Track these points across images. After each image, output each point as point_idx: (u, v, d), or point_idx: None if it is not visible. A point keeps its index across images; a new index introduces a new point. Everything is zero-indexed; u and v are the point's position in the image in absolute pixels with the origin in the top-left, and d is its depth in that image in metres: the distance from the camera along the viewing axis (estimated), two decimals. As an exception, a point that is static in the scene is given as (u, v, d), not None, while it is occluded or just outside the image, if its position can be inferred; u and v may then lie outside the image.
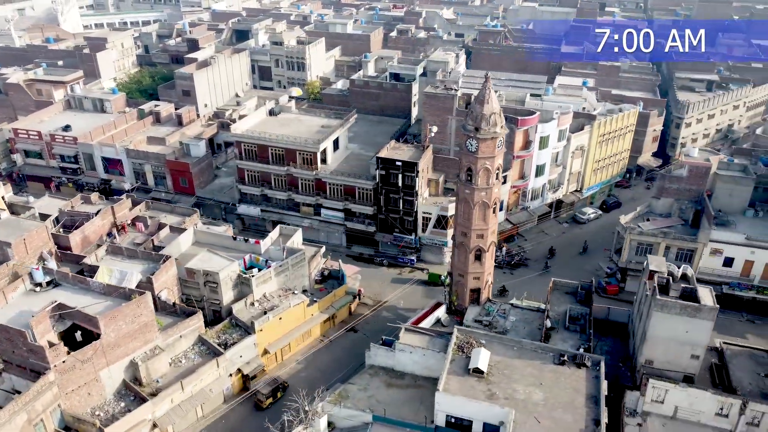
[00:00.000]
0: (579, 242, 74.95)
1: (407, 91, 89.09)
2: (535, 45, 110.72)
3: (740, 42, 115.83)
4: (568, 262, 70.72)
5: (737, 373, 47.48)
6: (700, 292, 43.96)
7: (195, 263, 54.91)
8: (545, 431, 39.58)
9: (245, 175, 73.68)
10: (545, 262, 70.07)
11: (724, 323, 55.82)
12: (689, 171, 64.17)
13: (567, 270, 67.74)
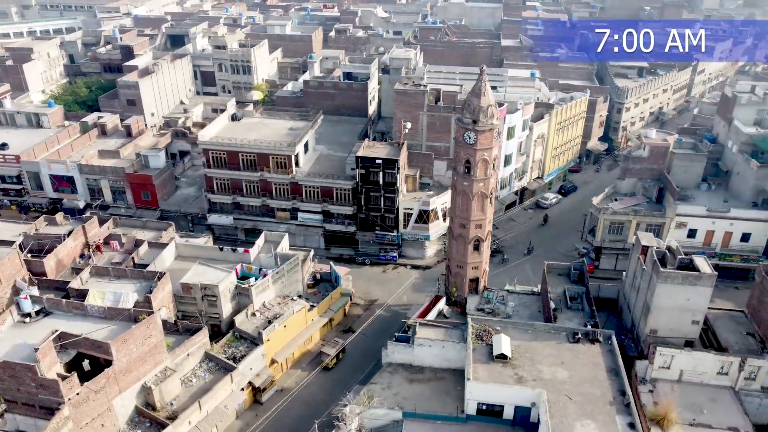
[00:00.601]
0: (546, 227, 78.17)
1: (363, 90, 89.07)
2: (476, 40, 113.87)
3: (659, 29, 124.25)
4: (542, 245, 73.54)
5: (723, 335, 51.32)
6: (696, 261, 47.25)
7: (190, 277, 52.60)
8: (578, 407, 41.21)
9: (214, 183, 71.18)
10: (528, 248, 72.50)
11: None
12: (650, 151, 68.41)
13: (543, 253, 70.58)
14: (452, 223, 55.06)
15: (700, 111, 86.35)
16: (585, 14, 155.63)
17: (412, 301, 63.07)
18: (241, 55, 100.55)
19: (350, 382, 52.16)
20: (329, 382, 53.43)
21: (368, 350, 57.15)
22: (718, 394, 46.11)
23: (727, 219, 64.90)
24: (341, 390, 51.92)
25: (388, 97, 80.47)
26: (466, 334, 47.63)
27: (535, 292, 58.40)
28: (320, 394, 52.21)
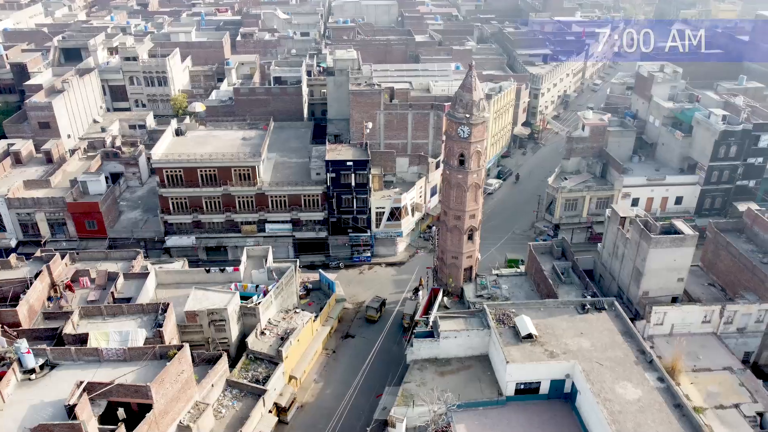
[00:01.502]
0: (496, 212, 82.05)
1: (297, 94, 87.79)
2: (390, 37, 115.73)
3: (548, 19, 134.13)
4: (499, 229, 77.15)
5: (689, 288, 57.45)
6: (678, 225, 52.54)
7: (193, 304, 49.39)
8: (610, 371, 44.42)
9: (170, 203, 66.90)
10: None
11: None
12: (591, 131, 74.31)
13: (502, 236, 74.36)
14: (445, 216, 56.43)
15: (611, 91, 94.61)
16: (471, 7, 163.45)
17: (397, 298, 64.02)
18: (156, 65, 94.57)
19: (371, 387, 52.09)
20: (349, 392, 52.80)
21: (374, 352, 57.27)
22: (705, 341, 51.79)
23: (663, 185, 72.40)
24: (364, 398, 51.83)
25: (334, 99, 79.97)
26: (485, 321, 49.36)
27: (520, 272, 61.57)
28: (342, 405, 51.49)
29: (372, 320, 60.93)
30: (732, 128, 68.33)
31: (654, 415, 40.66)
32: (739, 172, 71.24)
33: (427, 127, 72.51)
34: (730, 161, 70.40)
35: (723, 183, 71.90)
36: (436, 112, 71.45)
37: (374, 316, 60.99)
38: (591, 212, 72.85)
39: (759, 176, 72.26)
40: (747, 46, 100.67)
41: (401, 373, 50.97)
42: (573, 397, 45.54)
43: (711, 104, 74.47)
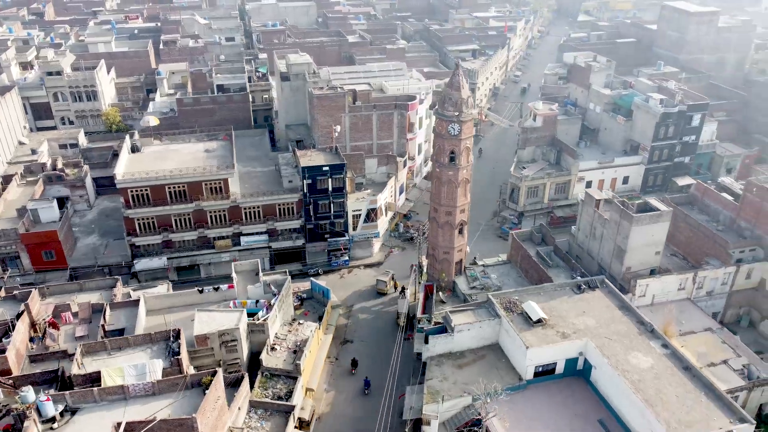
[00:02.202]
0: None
1: (244, 101, 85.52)
2: (323, 38, 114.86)
3: (467, 15, 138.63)
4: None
5: (656, 259, 62.38)
6: (652, 202, 56.76)
7: (202, 327, 47.16)
8: (618, 343, 47.41)
9: (137, 225, 63.18)
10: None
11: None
12: (543, 121, 78.16)
13: (472, 229, 76.53)
14: (436, 213, 57.48)
15: (546, 81, 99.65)
16: (386, 6, 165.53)
17: (383, 298, 64.65)
18: (83, 79, 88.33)
19: (382, 389, 52.36)
20: (361, 397, 52.70)
21: (376, 355, 57.49)
22: (682, 307, 56.54)
23: (612, 167, 77.67)
24: (378, 401, 51.92)
25: (290, 105, 78.55)
26: (493, 311, 50.98)
27: (504, 261, 63.93)
28: (360, 411, 51.38)
29: (382, 293, 64.92)
30: (670, 110, 74.53)
31: (669, 379, 43.96)
32: (677, 149, 77.86)
33: (392, 127, 73.18)
34: (668, 140, 76.79)
35: (663, 161, 78.26)
36: (400, 111, 72.31)
37: (384, 288, 64.51)
38: (551, 198, 76.78)
39: (692, 152, 79.30)
40: (656, 34, 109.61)
41: (411, 371, 51.64)
42: (586, 373, 48.15)
43: (644, 89, 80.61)
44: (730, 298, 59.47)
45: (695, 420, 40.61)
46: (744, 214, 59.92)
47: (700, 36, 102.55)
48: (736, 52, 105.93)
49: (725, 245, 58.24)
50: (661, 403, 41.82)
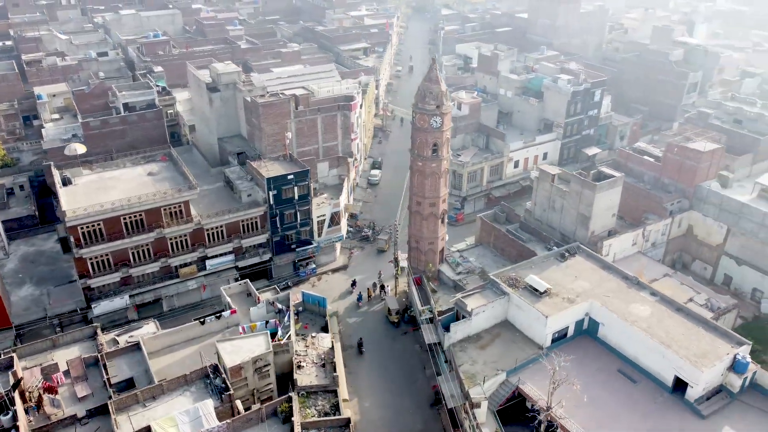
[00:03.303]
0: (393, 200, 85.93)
1: (158, 118, 79.49)
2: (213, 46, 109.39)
3: (344, 15, 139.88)
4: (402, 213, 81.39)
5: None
6: (605, 170, 62.83)
7: (232, 358, 43.85)
8: (617, 299, 52.23)
9: (89, 265, 56.51)
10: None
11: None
12: (469, 108, 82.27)
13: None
14: (419, 206, 58.53)
15: (446, 72, 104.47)
16: (250, 10, 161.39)
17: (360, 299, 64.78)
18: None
19: (401, 386, 52.86)
20: (388, 399, 52.56)
21: (380, 354, 57.53)
22: (638, 259, 63.58)
23: (534, 146, 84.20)
24: (401, 398, 52.23)
25: (221, 116, 74.28)
26: (499, 289, 53.51)
27: (474, 244, 66.86)
28: (390, 412, 51.29)
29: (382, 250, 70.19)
30: (578, 89, 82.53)
31: (669, 321, 49.56)
32: (585, 123, 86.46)
33: (336, 129, 72.62)
34: (577, 116, 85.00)
35: (574, 135, 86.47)
36: (343, 112, 72.01)
37: (384, 246, 69.42)
38: (488, 180, 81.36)
39: (595, 125, 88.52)
40: (528, 22, 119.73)
41: (418, 363, 53.18)
42: (592, 331, 52.52)
43: (548, 72, 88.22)
44: (668, 246, 67.94)
45: (705, 351, 46.42)
46: (666, 172, 68.56)
47: (568, 22, 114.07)
48: (595, 35, 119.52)
49: (660, 201, 66.39)
50: (674, 341, 47.19)
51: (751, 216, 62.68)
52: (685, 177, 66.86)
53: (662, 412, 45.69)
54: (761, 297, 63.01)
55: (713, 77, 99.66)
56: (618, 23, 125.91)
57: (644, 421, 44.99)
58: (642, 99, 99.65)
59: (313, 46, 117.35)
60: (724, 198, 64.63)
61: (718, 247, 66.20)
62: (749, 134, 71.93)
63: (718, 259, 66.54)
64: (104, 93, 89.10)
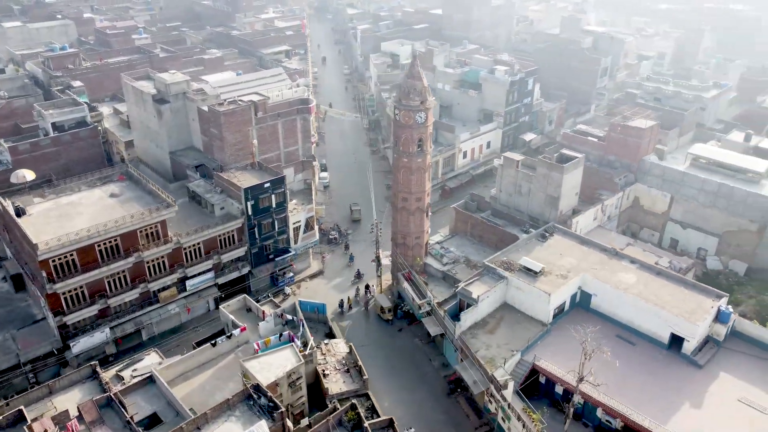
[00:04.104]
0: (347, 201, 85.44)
1: (94, 136, 73.75)
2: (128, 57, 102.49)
3: (255, 18, 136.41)
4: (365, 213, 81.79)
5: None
6: (566, 152, 66.69)
7: (266, 375, 42.06)
8: (604, 268, 55.92)
9: (64, 300, 51.63)
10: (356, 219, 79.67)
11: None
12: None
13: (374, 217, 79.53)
14: (406, 202, 59.05)
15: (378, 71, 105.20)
16: (147, 17, 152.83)
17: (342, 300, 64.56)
18: None
19: (413, 380, 53.53)
20: (405, 395, 52.76)
21: (383, 352, 57.60)
22: (600, 233, 68.24)
23: (479, 136, 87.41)
24: (416, 393, 52.78)
25: (171, 129, 69.99)
26: (495, 275, 55.45)
27: (449, 235, 68.47)
28: (410, 406, 51.55)
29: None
30: (514, 79, 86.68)
31: (654, 285, 53.87)
32: (521, 111, 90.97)
33: (296, 133, 71.07)
34: (515, 105, 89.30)
35: (513, 123, 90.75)
36: (302, 116, 70.68)
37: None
38: (442, 172, 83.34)
39: (530, 111, 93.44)
40: (443, 18, 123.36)
41: (424, 355, 55.54)
42: (584, 303, 55.91)
43: (481, 64, 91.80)
44: (620, 218, 73.50)
45: (692, 308, 51.10)
46: (611, 150, 74.00)
47: (481, 16, 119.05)
48: (505, 27, 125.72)
49: (611, 177, 71.66)
50: (665, 302, 51.51)
51: (691, 183, 69.37)
52: (628, 153, 72.56)
53: (664, 368, 49.78)
54: (706, 255, 70.04)
55: (620, 62, 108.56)
56: (523, 15, 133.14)
57: (650, 377, 48.79)
58: (559, 85, 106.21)
59: (234, 51, 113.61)
60: (666, 169, 71.00)
61: (664, 214, 72.63)
62: (674, 110, 79.30)
63: (664, 225, 73.03)
64: (13, 113, 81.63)
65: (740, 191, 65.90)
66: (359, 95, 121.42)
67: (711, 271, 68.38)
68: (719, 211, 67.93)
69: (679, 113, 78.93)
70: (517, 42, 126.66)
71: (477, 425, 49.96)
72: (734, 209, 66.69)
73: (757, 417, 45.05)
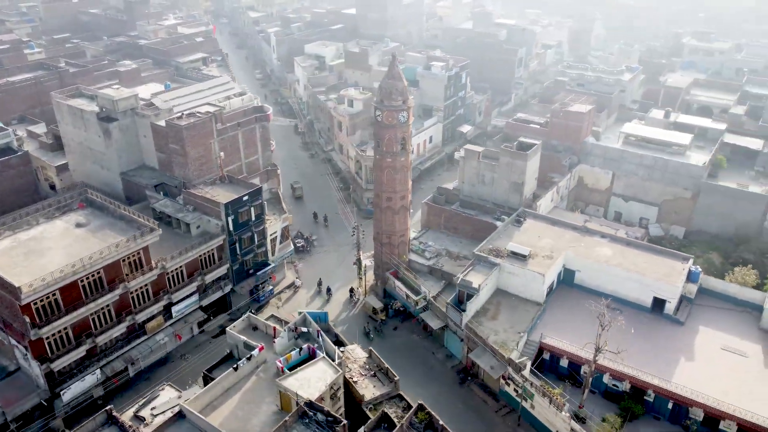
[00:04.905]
0: (305, 208, 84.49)
1: (25, 163, 67.43)
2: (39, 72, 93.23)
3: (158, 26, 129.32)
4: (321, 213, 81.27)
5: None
6: (524, 140, 70.11)
7: (309, 392, 40.89)
8: (581, 248, 59.84)
9: (48, 344, 46.95)
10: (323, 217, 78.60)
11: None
12: (363, 104, 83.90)
13: (333, 219, 79.44)
14: (390, 202, 59.42)
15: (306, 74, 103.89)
16: (28, 30, 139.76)
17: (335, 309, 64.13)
18: None
19: (426, 372, 54.49)
20: (421, 392, 53.36)
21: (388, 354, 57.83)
22: (558, 213, 72.52)
23: (424, 131, 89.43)
24: (440, 387, 53.75)
25: (121, 149, 65.01)
26: (487, 263, 57.53)
27: (422, 230, 69.77)
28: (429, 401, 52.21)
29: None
30: (450, 73, 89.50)
31: (629, 255, 58.50)
32: (458, 104, 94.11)
33: (256, 142, 68.90)
34: (452, 99, 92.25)
35: (450, 116, 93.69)
36: (261, 124, 68.68)
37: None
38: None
39: (464, 104, 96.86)
40: (357, 18, 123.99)
41: (430, 349, 57.65)
42: (568, 280, 59.47)
43: (414, 61, 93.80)
44: (568, 197, 78.59)
45: (667, 272, 56.20)
46: (554, 135, 78.81)
47: (395, 14, 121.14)
48: (416, 24, 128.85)
49: (559, 160, 76.40)
50: (644, 270, 56.21)
51: (630, 159, 75.64)
52: (571, 136, 77.65)
53: (651, 329, 54.31)
54: (648, 223, 76.79)
55: (533, 52, 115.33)
56: (431, 12, 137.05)
57: (641, 339, 52.91)
58: (479, 78, 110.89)
59: (147, 61, 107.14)
60: (607, 149, 76.91)
61: (607, 190, 78.64)
62: (602, 94, 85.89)
63: (608, 200, 79.07)
64: None
65: (674, 163, 72.94)
66: (280, 99, 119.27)
67: (654, 238, 74.94)
68: (656, 182, 74.74)
69: (606, 96, 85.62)
70: (429, 38, 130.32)
71: (497, 408, 51.80)
72: (670, 180, 73.68)
73: (740, 361, 50.62)
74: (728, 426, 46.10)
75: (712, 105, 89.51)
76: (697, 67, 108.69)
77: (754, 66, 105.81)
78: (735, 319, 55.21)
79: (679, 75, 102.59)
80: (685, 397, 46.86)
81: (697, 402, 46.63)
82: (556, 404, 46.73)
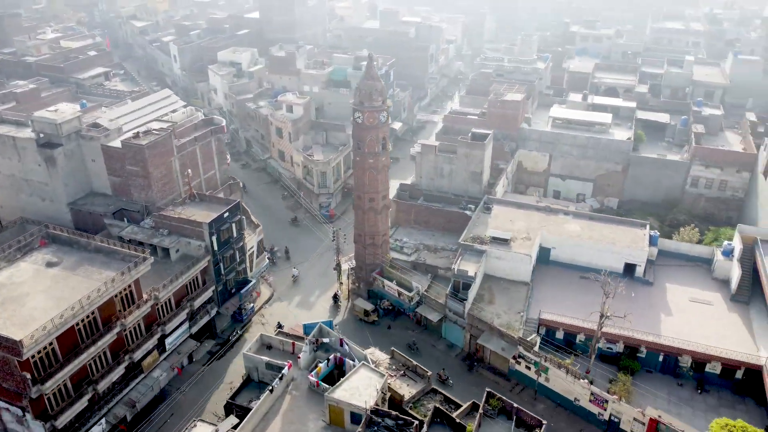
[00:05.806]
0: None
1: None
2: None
3: (39, 41, 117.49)
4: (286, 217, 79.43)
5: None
6: (476, 132, 72.84)
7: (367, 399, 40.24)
8: (553, 227, 63.66)
9: (47, 401, 42.02)
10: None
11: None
12: (303, 108, 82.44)
13: (302, 228, 78.03)
14: (373, 203, 59.42)
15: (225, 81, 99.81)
16: None
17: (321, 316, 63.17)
18: None
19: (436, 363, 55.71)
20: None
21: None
22: (509, 197, 76.60)
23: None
24: (451, 377, 54.91)
25: (68, 175, 58.84)
26: (474, 251, 59.58)
27: (393, 228, 70.34)
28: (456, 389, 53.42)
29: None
30: (381, 72, 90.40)
31: (597, 228, 63.31)
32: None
33: (213, 156, 65.47)
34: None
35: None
36: (216, 137, 65.42)
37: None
38: (344, 172, 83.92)
39: (394, 101, 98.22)
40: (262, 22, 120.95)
41: (430, 342, 58.90)
42: (544, 257, 63.09)
43: (342, 62, 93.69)
44: (512, 181, 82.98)
45: (632, 238, 61.67)
46: (492, 123, 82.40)
47: (303, 15, 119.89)
48: (320, 25, 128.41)
49: (501, 147, 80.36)
50: (613, 240, 61.21)
51: (564, 141, 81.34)
52: (508, 124, 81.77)
53: (627, 292, 59.24)
54: (585, 198, 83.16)
55: (440, 47, 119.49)
56: (332, 13, 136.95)
57: (620, 302, 57.60)
58: (397, 75, 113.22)
59: (42, 80, 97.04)
60: (543, 133, 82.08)
61: (545, 171, 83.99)
62: (526, 82, 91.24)
63: (547, 180, 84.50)
64: None
65: (604, 141, 79.60)
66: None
67: (594, 210, 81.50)
68: (590, 160, 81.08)
69: (529, 84, 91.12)
70: (332, 39, 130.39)
71: (510, 388, 53.96)
72: (602, 156, 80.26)
73: (707, 308, 56.93)
74: (714, 367, 51.78)
75: (617, 86, 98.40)
76: (588, 53, 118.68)
77: (635, 49, 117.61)
78: (692, 273, 61.79)
79: (577, 61, 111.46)
80: (676, 347, 51.91)
81: (686, 350, 51.83)
82: (573, 373, 49.74)
